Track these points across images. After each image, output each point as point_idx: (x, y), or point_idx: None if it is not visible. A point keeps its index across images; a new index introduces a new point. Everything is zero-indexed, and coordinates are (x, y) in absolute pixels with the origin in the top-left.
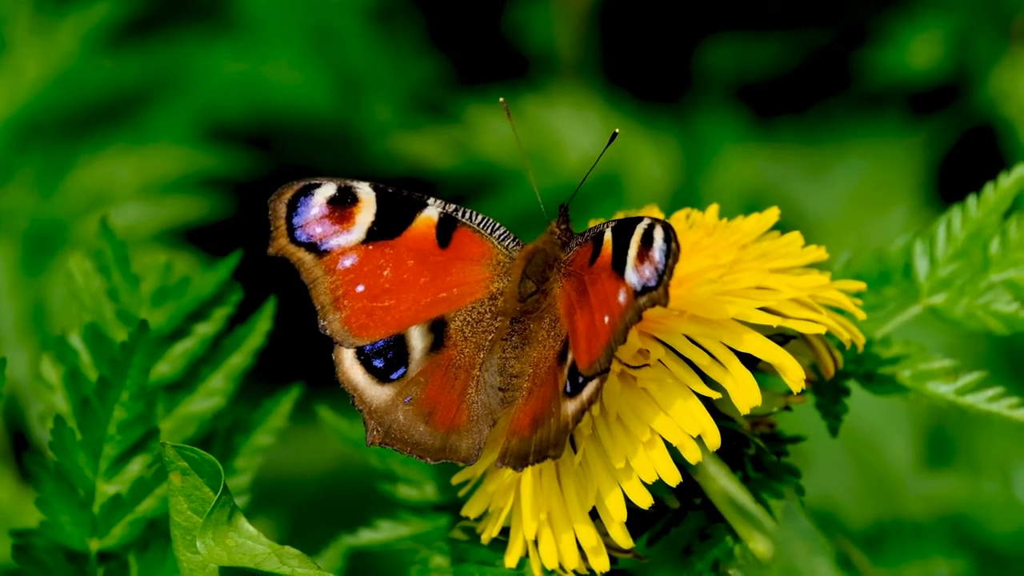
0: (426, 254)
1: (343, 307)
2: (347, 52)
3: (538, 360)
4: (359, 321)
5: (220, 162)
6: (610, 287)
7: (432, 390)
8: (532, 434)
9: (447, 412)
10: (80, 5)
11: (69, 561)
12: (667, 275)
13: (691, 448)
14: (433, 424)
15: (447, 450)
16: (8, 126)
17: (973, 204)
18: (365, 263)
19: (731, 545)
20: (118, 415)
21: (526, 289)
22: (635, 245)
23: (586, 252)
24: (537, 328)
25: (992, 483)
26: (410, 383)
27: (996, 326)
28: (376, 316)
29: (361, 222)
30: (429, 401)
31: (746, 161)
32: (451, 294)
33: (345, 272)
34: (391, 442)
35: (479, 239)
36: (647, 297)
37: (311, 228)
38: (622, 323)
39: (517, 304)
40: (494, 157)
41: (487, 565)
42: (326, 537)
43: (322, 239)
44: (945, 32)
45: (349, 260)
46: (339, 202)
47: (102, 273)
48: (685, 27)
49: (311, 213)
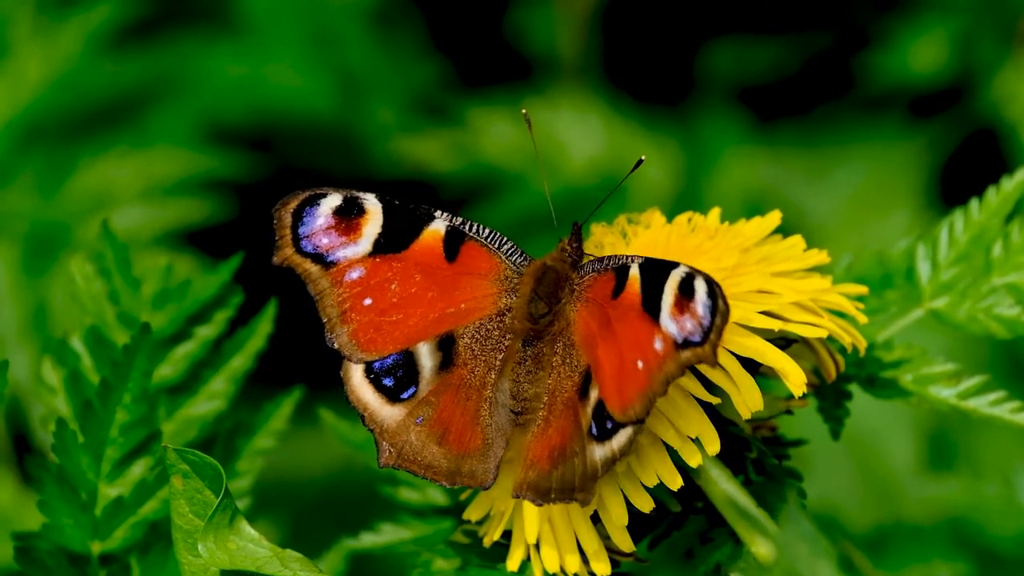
0: (433, 268)
1: (350, 320)
2: (348, 54)
3: (554, 388)
4: (367, 335)
5: (221, 164)
6: (642, 330)
7: (444, 411)
8: (552, 469)
9: (461, 434)
10: (82, 7)
11: (71, 563)
12: (715, 334)
13: (692, 452)
14: (447, 446)
15: (462, 474)
16: (10, 128)
17: (975, 207)
18: (372, 276)
19: (733, 549)
20: (120, 418)
21: (537, 310)
22: (672, 293)
23: (607, 283)
24: (551, 352)
25: (993, 487)
26: (421, 403)
27: (998, 330)
28: (384, 331)
29: (368, 234)
30: (441, 422)
31: (747, 164)
32: (459, 310)
33: (352, 284)
34: (405, 464)
35: (486, 253)
36: (691, 352)
37: (317, 239)
38: (661, 374)
39: (527, 324)
40: (496, 160)
41: (489, 569)
42: (327, 540)
43: (328, 250)
44: (947, 35)
45: (356, 272)
46: (345, 213)
47: (103, 276)
48: (687, 30)
49: (317, 223)
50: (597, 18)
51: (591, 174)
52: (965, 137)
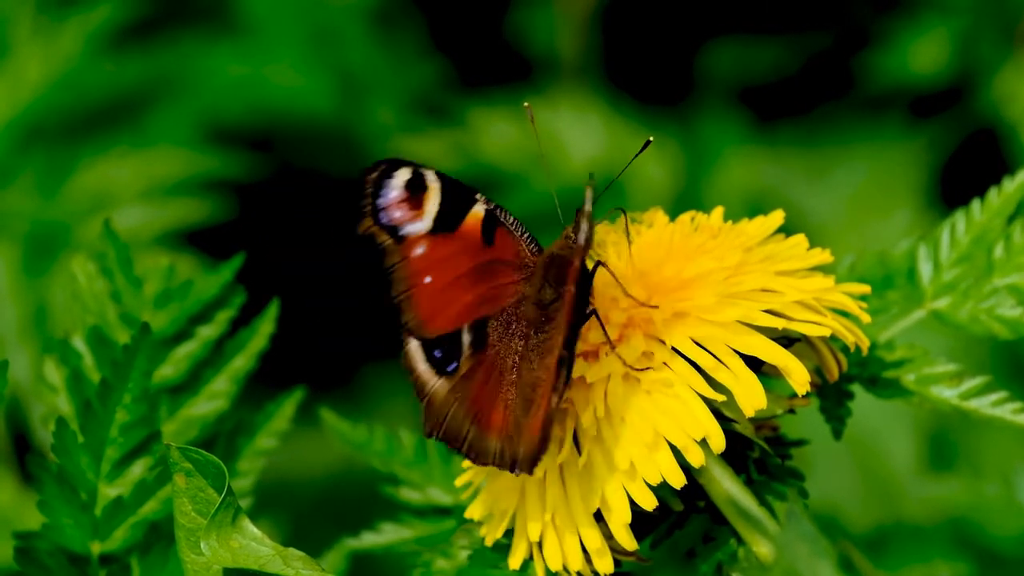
0: (475, 250)
1: (414, 295)
2: (349, 54)
3: (551, 367)
4: (427, 312)
5: (222, 164)
6: None
7: (476, 390)
8: (541, 438)
9: (489, 415)
10: (82, 7)
11: (71, 564)
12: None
13: (695, 450)
14: (479, 425)
15: (493, 455)
16: (10, 128)
17: (977, 208)
18: (432, 254)
19: (734, 548)
20: (120, 418)
21: (546, 297)
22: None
23: None
24: (557, 336)
25: (994, 487)
26: (461, 379)
27: (1000, 330)
28: (438, 309)
29: (429, 211)
30: (475, 402)
31: (748, 164)
32: (492, 295)
33: (417, 261)
34: (444, 438)
35: (512, 240)
36: None
37: (392, 212)
38: None
39: (538, 311)
40: (496, 160)
41: (491, 567)
42: (329, 540)
43: (400, 224)
44: (948, 35)
45: (420, 249)
46: (413, 187)
47: (105, 275)
48: (687, 30)
49: (392, 196)
50: (597, 18)
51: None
52: (965, 137)
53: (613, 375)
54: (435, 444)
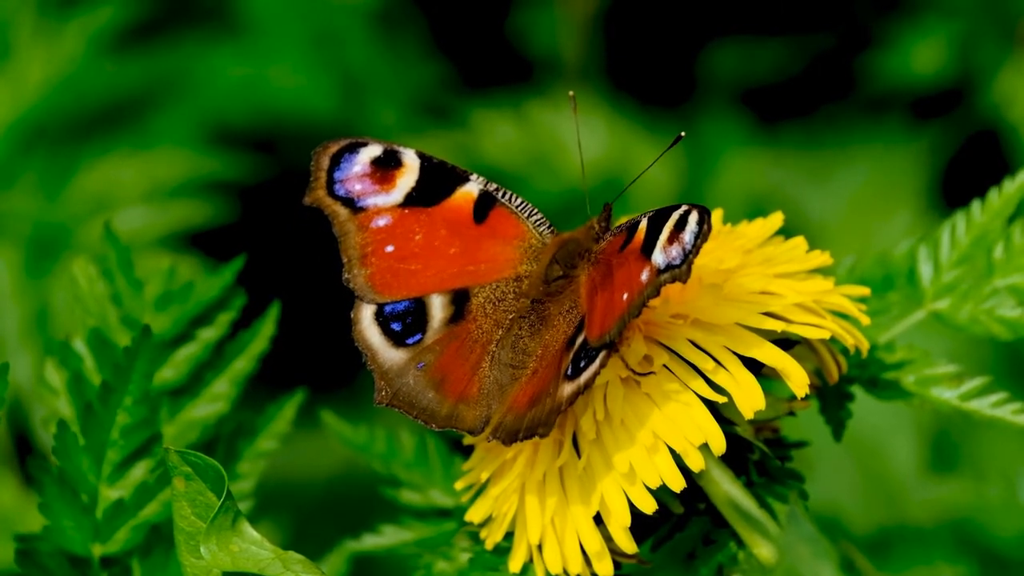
0: (460, 226)
1: (370, 264)
2: (350, 56)
3: (549, 342)
4: (383, 279)
5: (224, 166)
6: (636, 268)
7: (446, 359)
8: (527, 411)
9: (458, 382)
10: (84, 9)
11: (72, 566)
12: (693, 253)
13: (695, 454)
14: (443, 392)
15: (454, 418)
16: (12, 130)
17: (977, 209)
18: (398, 225)
19: (735, 550)
20: (121, 420)
21: (552, 273)
22: (668, 229)
23: (618, 240)
24: (556, 311)
25: (996, 488)
26: (425, 350)
27: (1000, 331)
28: (401, 277)
29: (401, 186)
30: (441, 369)
31: (750, 165)
32: (478, 269)
33: (377, 231)
34: (398, 404)
35: (515, 220)
36: (669, 274)
37: (351, 184)
38: (639, 298)
39: (541, 287)
40: (498, 161)
41: (491, 570)
42: (330, 542)
43: (360, 196)
44: (949, 37)
45: (383, 220)
46: (382, 164)
47: (106, 278)
48: (689, 31)
49: (354, 170)
50: (599, 20)
51: (593, 175)
52: (966, 138)
53: (612, 378)
54: (435, 446)
